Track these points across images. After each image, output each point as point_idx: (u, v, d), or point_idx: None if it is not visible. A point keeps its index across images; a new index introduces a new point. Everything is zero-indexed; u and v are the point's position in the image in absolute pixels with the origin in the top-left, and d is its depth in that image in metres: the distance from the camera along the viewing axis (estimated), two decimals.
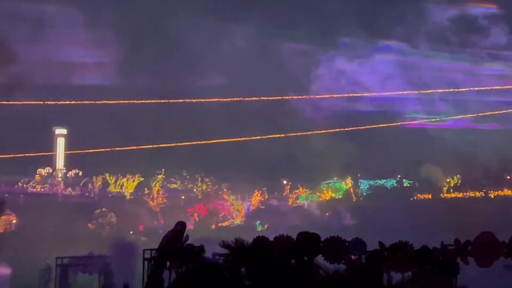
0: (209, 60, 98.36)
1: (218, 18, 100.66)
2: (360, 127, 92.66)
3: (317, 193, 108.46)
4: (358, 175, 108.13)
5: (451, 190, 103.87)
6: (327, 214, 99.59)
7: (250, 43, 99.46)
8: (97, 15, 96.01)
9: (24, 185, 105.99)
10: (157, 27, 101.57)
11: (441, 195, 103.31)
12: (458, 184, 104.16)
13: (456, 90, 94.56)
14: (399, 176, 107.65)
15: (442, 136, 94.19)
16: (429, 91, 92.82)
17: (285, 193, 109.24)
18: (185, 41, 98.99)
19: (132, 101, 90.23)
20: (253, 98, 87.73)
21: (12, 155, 49.88)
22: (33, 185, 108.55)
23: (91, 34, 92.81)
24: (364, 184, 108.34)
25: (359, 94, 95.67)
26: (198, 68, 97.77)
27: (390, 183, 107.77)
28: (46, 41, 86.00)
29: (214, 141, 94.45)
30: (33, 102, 75.95)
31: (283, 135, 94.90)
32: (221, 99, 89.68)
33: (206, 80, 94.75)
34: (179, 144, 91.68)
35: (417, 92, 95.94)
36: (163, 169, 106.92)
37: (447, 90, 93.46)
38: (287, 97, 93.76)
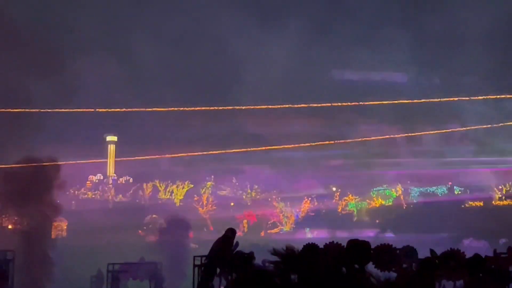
0: (254, 65, 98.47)
1: (262, 20, 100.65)
2: (410, 134, 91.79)
3: (367, 200, 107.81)
4: (408, 182, 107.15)
5: (503, 198, 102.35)
6: (377, 221, 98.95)
7: (295, 46, 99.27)
8: (139, 21, 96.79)
9: (76, 192, 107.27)
10: (200, 31, 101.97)
11: (493, 202, 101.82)
12: (510, 191, 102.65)
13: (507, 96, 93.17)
14: (449, 183, 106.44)
15: (493, 142, 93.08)
16: (480, 97, 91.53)
17: (334, 200, 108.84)
18: (229, 45, 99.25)
19: (181, 109, 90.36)
20: (302, 105, 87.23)
21: (64, 162, 50.51)
22: (85, 191, 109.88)
23: (136, 40, 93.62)
24: (414, 191, 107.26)
25: (408, 101, 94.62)
26: (242, 73, 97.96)
27: (441, 190, 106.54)
28: (95, 49, 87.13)
29: (263, 148, 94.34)
30: (84, 110, 76.60)
31: (332, 142, 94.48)
32: (270, 106, 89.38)
33: (251, 86, 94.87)
34: (228, 151, 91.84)
35: (468, 98, 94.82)
36: (213, 176, 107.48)
37: (499, 96, 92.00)
38: (336, 104, 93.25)
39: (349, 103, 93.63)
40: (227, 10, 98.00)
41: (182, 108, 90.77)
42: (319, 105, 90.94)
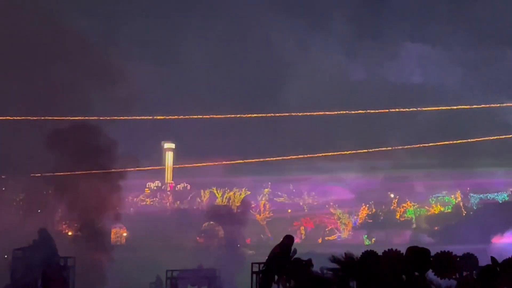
0: (303, 68, 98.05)
1: (309, 20, 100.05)
2: (469, 140, 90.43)
3: (425, 207, 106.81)
4: (468, 188, 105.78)
5: None
6: (436, 228, 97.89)
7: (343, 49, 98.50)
8: (189, 26, 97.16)
9: (134, 199, 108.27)
10: (245, 32, 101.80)
11: None
12: None
13: None
14: (510, 189, 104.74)
15: None
16: None
17: (392, 206, 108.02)
18: (277, 48, 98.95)
19: (238, 115, 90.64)
20: (359, 111, 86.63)
21: (123, 169, 51.10)
22: (143, 198, 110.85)
23: (189, 45, 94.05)
24: (474, 198, 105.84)
25: (468, 106, 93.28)
26: (287, 77, 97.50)
27: (502, 196, 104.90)
28: (151, 55, 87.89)
29: (320, 154, 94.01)
30: (142, 117, 77.32)
31: (389, 148, 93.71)
32: (327, 112, 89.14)
33: (303, 90, 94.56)
34: (285, 158, 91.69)
35: None
36: (269, 183, 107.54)
37: None
38: (393, 110, 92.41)
39: (406, 109, 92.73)
40: (275, 12, 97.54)
41: (239, 115, 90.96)
42: (377, 111, 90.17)
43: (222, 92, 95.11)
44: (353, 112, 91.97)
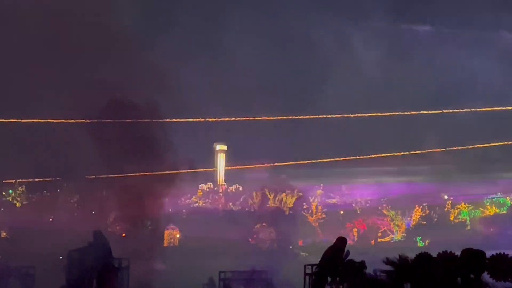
0: (346, 68, 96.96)
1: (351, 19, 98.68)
2: None
3: (480, 209, 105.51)
4: None
5: None
6: (491, 230, 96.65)
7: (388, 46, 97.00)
8: (234, 26, 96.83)
9: (187, 200, 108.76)
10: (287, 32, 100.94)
11: None
12: None
13: None
14: None
15: None
16: None
17: (446, 208, 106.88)
18: (320, 48, 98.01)
19: (289, 117, 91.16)
20: (413, 112, 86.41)
21: (176, 171, 51.52)
22: (196, 200, 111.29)
23: (236, 45, 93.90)
24: None
25: None
26: (328, 77, 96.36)
27: None
28: (200, 56, 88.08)
29: (372, 156, 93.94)
30: (195, 120, 78.10)
31: (443, 149, 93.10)
32: (380, 114, 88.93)
33: (347, 91, 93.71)
34: (338, 159, 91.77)
35: None
36: (322, 184, 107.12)
37: None
38: (447, 111, 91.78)
39: (460, 110, 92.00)
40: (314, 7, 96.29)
41: (290, 117, 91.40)
42: (431, 112, 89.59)
43: (272, 93, 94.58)
44: (405, 113, 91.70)
